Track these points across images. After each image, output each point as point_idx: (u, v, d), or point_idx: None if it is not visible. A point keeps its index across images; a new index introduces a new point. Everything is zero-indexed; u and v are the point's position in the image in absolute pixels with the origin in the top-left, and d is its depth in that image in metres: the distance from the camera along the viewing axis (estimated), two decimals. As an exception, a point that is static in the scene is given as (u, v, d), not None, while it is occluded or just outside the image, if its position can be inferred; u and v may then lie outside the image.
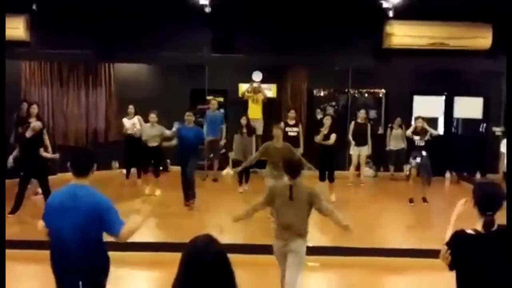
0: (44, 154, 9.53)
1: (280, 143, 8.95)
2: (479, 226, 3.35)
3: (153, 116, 11.11)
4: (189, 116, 10.13)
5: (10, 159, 9.44)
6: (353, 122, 12.38)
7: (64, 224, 3.98)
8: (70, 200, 4.03)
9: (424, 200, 10.61)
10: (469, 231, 3.37)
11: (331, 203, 10.63)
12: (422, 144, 10.55)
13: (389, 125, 13.64)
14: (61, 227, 4.00)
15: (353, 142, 12.40)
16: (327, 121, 10.69)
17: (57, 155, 9.85)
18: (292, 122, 11.40)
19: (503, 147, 9.81)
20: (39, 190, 10.45)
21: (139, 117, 12.18)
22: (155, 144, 11.07)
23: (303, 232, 5.42)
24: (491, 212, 3.33)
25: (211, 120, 12.73)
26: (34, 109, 10.77)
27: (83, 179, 4.15)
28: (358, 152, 12.34)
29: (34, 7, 10.97)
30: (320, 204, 5.40)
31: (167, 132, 10.96)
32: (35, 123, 9.42)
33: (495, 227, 3.34)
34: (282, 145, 8.96)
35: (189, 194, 10.05)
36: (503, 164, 9.57)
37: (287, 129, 11.06)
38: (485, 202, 3.36)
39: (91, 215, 3.97)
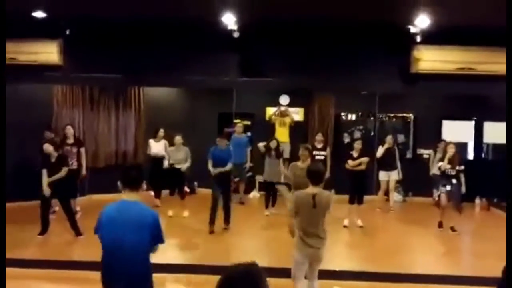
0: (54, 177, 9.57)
1: (305, 164, 8.95)
2: None
3: (178, 139, 11.28)
4: (220, 141, 10.23)
5: (46, 187, 9.52)
6: (380, 147, 12.31)
7: (118, 237, 4.20)
8: (124, 214, 4.27)
9: (453, 229, 10.43)
10: None
11: (358, 228, 10.58)
12: (453, 173, 10.42)
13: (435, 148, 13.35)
14: (115, 240, 4.21)
15: (381, 171, 12.30)
16: (358, 145, 10.72)
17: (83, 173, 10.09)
18: (319, 145, 11.43)
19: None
20: (78, 208, 10.76)
21: (166, 141, 12.36)
22: (181, 166, 11.19)
23: (325, 236, 5.85)
24: None
25: (236, 143, 12.83)
26: (69, 130, 11.08)
27: (133, 194, 4.38)
28: (387, 178, 12.23)
29: (67, 32, 11.26)
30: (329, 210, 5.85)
31: (188, 162, 11.14)
32: (45, 146, 9.65)
33: None
34: (307, 165, 8.97)
35: (225, 218, 10.10)
36: None
37: (315, 152, 11.10)
38: None
39: (145, 230, 4.22)
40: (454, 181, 10.41)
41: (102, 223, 4.34)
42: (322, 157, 11.23)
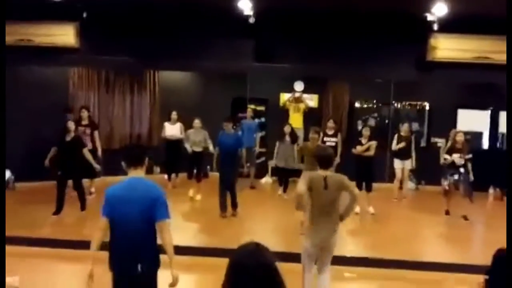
0: (88, 156, 9.87)
1: (314, 145, 9.23)
2: None
3: (197, 122, 11.37)
4: (226, 126, 10.27)
5: (47, 161, 9.80)
6: (396, 135, 12.24)
7: (126, 213, 4.30)
8: (131, 191, 4.38)
9: (465, 218, 10.40)
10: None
11: (370, 215, 10.61)
12: (462, 162, 10.35)
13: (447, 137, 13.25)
14: (124, 216, 4.31)
15: (395, 158, 12.24)
16: (366, 132, 10.71)
17: (98, 167, 10.34)
18: (331, 132, 11.44)
19: None
20: (92, 190, 11.13)
21: (181, 124, 12.43)
22: (199, 149, 11.28)
23: (337, 222, 5.78)
24: None
25: (246, 128, 12.93)
26: (84, 113, 11.26)
27: (138, 171, 4.50)
28: (402, 166, 12.18)
29: (84, 15, 11.32)
30: (351, 189, 5.83)
31: (210, 144, 11.17)
32: (69, 122, 9.94)
33: None
34: (315, 146, 9.17)
35: (231, 203, 10.16)
36: None
37: (326, 138, 11.14)
38: None
39: (150, 205, 4.31)
40: (462, 170, 10.34)
41: (109, 202, 4.41)
42: (333, 143, 11.23)
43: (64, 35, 11.45)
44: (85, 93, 13.40)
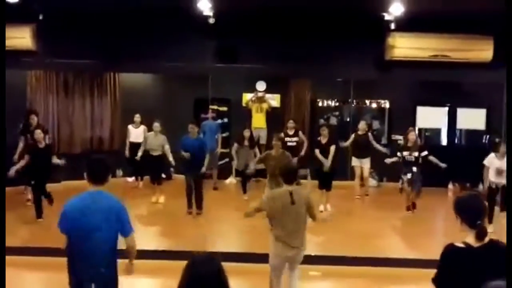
0: (56, 161, 9.77)
1: (277, 152, 9.46)
2: (470, 239, 3.31)
3: (156, 125, 11.25)
4: (192, 129, 10.24)
5: (13, 170, 9.60)
6: (353, 134, 12.35)
7: (83, 227, 4.23)
8: (92, 203, 4.31)
9: (408, 208, 10.67)
10: (459, 244, 3.33)
11: (327, 212, 10.73)
12: (412, 159, 10.51)
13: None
14: (85, 226, 4.24)
15: (353, 157, 12.38)
16: (324, 131, 10.79)
17: (63, 161, 10.05)
18: (291, 132, 11.52)
19: (487, 161, 9.62)
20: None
21: (145, 127, 12.35)
22: (158, 153, 11.19)
23: (304, 239, 5.66)
24: (479, 221, 3.31)
25: (208, 129, 12.92)
26: (33, 119, 10.92)
27: (99, 187, 4.40)
28: (360, 164, 12.31)
29: (40, 17, 11.11)
30: (314, 212, 5.75)
31: (168, 151, 11.09)
32: (38, 135, 9.71)
33: (488, 237, 3.32)
34: (279, 153, 9.46)
35: (197, 204, 10.12)
36: (487, 180, 9.45)
37: (286, 139, 11.22)
38: (473, 214, 3.34)
39: (109, 217, 4.28)
40: (414, 169, 10.48)
41: (67, 216, 4.32)
42: (294, 143, 11.35)
43: (21, 37, 11.21)
44: (44, 97, 13.15)
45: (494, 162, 9.29)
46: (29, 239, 8.79)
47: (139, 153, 11.39)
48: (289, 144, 11.13)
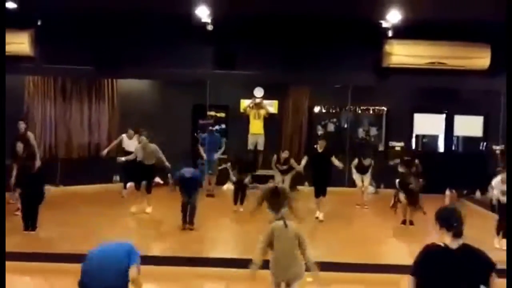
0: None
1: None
2: (447, 240, 3.78)
3: (143, 139, 11.00)
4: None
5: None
6: (356, 161, 12.33)
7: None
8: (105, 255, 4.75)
9: (404, 222, 10.58)
10: (439, 243, 3.82)
11: (319, 221, 10.71)
12: (411, 183, 10.50)
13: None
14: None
15: (354, 170, 12.39)
16: (322, 143, 10.88)
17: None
18: (283, 160, 12.05)
19: (494, 183, 9.51)
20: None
21: (138, 136, 12.29)
22: (151, 162, 11.11)
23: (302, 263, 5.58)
24: (456, 224, 3.83)
25: (209, 141, 12.94)
26: (20, 125, 10.86)
27: None
28: (361, 177, 12.34)
29: (39, 22, 11.14)
30: (305, 249, 5.55)
31: (161, 155, 11.07)
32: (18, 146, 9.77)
33: (462, 239, 3.80)
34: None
35: (189, 219, 10.04)
36: (493, 195, 9.40)
37: (277, 165, 12.07)
38: (449, 219, 3.88)
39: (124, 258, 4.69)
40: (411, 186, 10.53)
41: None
42: (285, 168, 12.05)
43: (19, 43, 11.22)
44: (42, 102, 13.16)
45: (498, 186, 9.21)
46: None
47: (124, 158, 11.33)
48: (280, 169, 12.00)
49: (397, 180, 10.75)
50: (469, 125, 14.64)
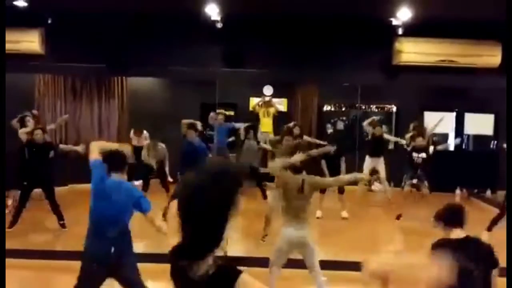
0: (66, 147, 9.82)
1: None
2: (455, 235, 4.24)
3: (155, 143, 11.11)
4: (190, 134, 10.06)
5: None
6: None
7: (106, 205, 4.82)
8: (112, 188, 4.87)
9: (398, 217, 10.60)
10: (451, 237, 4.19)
11: (343, 220, 10.68)
12: (420, 161, 10.49)
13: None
14: (104, 208, 4.84)
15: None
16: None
17: (81, 147, 9.44)
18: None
19: None
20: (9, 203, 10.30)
21: (146, 134, 12.38)
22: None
23: (308, 223, 5.89)
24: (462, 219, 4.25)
25: (219, 131, 12.97)
26: (29, 121, 10.72)
27: (118, 175, 4.93)
28: (372, 165, 12.29)
29: (49, 21, 11.18)
30: (324, 182, 6.43)
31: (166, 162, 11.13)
32: (36, 132, 9.30)
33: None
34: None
35: None
36: None
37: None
38: (453, 215, 4.40)
39: (126, 201, 4.80)
40: (419, 173, 10.47)
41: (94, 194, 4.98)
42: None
43: (29, 41, 11.28)
44: (52, 101, 13.22)
45: None
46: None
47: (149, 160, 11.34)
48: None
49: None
50: (480, 123, 14.57)
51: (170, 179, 12.71)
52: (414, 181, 10.45)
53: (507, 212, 8.33)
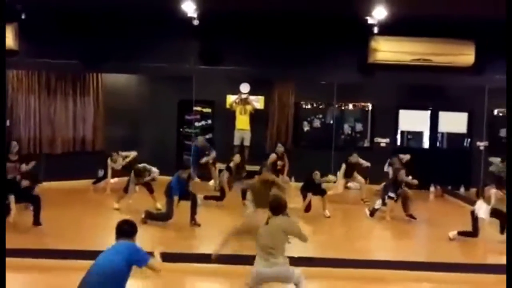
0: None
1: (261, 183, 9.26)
2: None
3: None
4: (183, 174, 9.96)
5: None
6: (343, 166, 12.40)
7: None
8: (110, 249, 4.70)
9: (412, 217, 10.62)
10: None
11: (326, 218, 10.72)
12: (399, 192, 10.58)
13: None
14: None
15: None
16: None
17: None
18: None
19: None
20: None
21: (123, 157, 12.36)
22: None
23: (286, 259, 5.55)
24: None
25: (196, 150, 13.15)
26: (15, 146, 11.15)
27: (124, 241, 4.76)
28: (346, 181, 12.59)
29: (23, 16, 11.02)
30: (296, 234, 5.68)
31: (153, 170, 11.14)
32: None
33: None
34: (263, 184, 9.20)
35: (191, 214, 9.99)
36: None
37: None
38: None
39: (123, 256, 4.58)
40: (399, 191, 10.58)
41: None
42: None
43: (2, 37, 11.10)
44: (26, 97, 13.02)
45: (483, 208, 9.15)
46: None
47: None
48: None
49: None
50: (454, 122, 14.76)
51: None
52: (393, 195, 10.50)
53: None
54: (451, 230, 9.13)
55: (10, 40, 11.15)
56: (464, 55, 11.93)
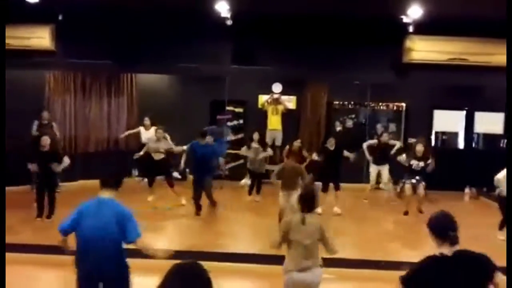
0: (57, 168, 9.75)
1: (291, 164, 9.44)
2: (444, 250, 3.59)
3: (160, 132, 11.17)
4: (202, 141, 10.23)
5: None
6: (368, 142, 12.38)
7: (89, 228, 4.47)
8: (96, 208, 4.57)
9: (406, 213, 10.80)
10: (436, 254, 3.60)
11: (336, 215, 10.69)
12: (418, 168, 10.67)
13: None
14: (86, 230, 4.47)
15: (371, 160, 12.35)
16: (331, 141, 10.96)
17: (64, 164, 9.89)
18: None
19: (501, 175, 9.44)
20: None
21: (156, 128, 12.33)
22: (161, 157, 11.15)
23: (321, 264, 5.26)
24: (452, 232, 3.63)
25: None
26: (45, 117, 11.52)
27: (107, 193, 4.67)
28: (377, 171, 12.34)
29: (60, 17, 11.22)
30: (328, 242, 5.23)
31: (176, 149, 11.15)
32: (43, 138, 9.74)
33: (458, 244, 3.59)
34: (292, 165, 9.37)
35: (210, 202, 10.21)
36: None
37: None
38: (445, 227, 3.69)
39: (113, 222, 4.47)
40: (417, 177, 10.66)
41: (76, 217, 4.60)
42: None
43: (40, 37, 11.34)
44: (62, 97, 13.26)
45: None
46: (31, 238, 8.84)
47: (140, 153, 11.38)
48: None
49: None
50: (490, 122, 14.48)
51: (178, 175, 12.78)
52: (413, 180, 10.51)
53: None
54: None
55: (47, 41, 11.38)
56: (500, 55, 11.66)
